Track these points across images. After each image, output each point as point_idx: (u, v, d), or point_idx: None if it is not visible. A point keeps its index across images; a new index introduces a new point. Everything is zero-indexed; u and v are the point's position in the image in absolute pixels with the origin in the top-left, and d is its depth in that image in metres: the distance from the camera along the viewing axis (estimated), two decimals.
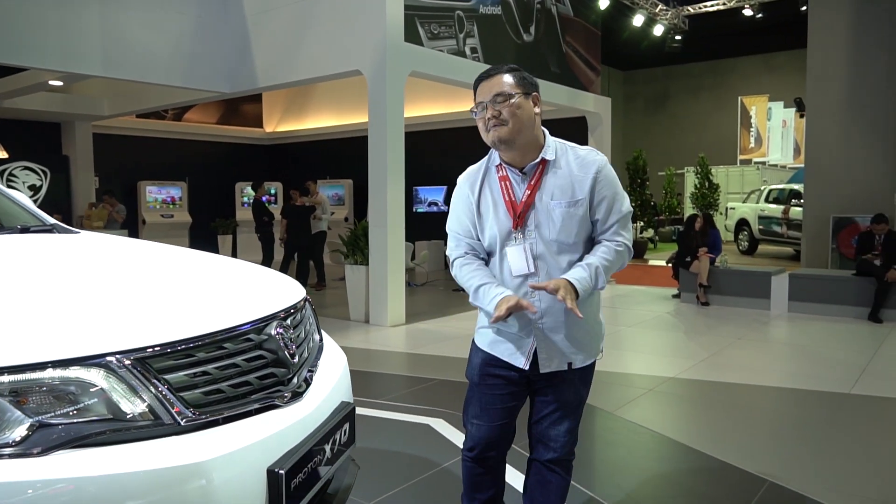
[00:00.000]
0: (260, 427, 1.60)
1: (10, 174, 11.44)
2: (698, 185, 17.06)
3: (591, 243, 2.05)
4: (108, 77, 7.81)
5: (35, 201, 11.62)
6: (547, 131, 2.08)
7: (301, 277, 9.92)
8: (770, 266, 9.64)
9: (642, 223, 15.44)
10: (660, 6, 15.30)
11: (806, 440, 3.89)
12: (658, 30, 15.66)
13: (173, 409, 1.43)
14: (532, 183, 2.01)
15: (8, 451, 1.24)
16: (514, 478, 2.90)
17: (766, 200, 14.98)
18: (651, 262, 13.94)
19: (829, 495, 3.08)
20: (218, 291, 1.88)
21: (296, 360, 1.85)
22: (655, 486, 3.27)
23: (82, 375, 1.34)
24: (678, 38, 15.93)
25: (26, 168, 11.62)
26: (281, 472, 1.56)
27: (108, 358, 1.37)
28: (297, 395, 1.79)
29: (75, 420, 1.32)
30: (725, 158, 20.56)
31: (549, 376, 2.06)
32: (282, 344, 1.78)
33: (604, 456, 3.73)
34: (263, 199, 10.18)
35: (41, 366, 1.30)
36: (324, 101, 14.15)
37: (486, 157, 2.12)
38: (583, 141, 10.97)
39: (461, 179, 2.14)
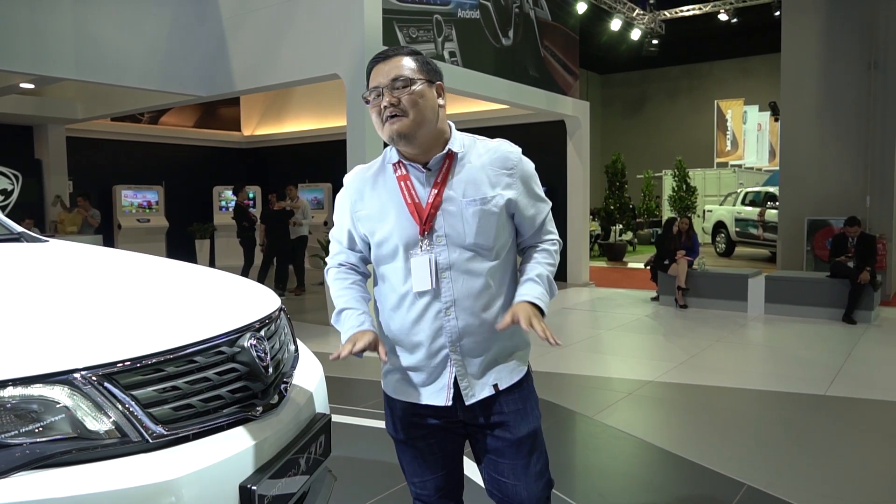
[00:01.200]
0: (232, 442, 1.56)
1: None
2: (676, 188, 17.22)
3: (509, 251, 1.76)
4: (82, 80, 7.67)
5: (6, 206, 11.42)
6: (453, 125, 1.77)
7: (280, 282, 9.84)
8: (747, 268, 9.74)
9: (621, 226, 15.53)
10: (637, 10, 15.43)
11: (783, 443, 3.92)
12: (635, 34, 15.79)
13: (141, 426, 1.39)
14: (438, 180, 1.68)
15: None
16: None
17: (743, 203, 15.16)
18: (630, 265, 14.03)
19: (807, 497, 3.10)
20: (189, 303, 1.84)
21: (270, 371, 1.81)
22: (635, 492, 3.28)
23: (45, 393, 1.30)
24: (655, 42, 16.08)
25: None
26: (254, 488, 1.53)
27: (73, 375, 1.33)
28: (271, 408, 1.75)
29: (38, 439, 1.28)
30: (703, 161, 20.78)
31: (481, 411, 1.72)
32: (255, 356, 1.74)
33: (584, 461, 3.73)
34: (245, 202, 10.07)
35: (1, 384, 1.26)
36: (302, 104, 14.06)
37: (381, 156, 1.79)
38: (562, 144, 11.03)
39: (347, 181, 1.81)
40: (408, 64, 1.65)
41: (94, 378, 1.35)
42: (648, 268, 9.47)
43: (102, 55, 7.46)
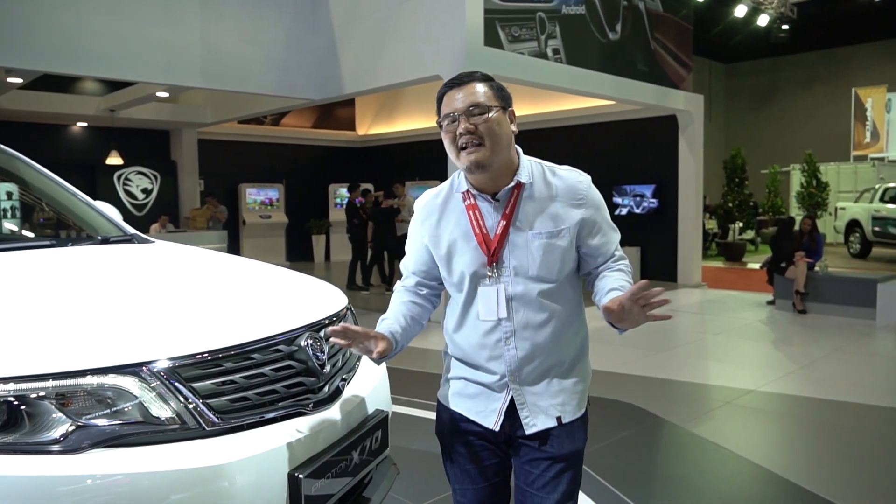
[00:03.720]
0: (283, 433, 1.70)
1: (126, 178, 12.42)
2: (805, 184, 16.05)
3: (573, 284, 1.75)
4: (207, 88, 8.33)
5: (146, 204, 12.57)
6: (521, 150, 1.75)
7: (386, 278, 10.19)
8: (882, 271, 8.96)
9: (740, 224, 14.72)
10: None
11: None
12: (763, 19, 14.83)
13: (198, 415, 1.55)
14: (507, 211, 1.68)
15: (51, 447, 1.40)
16: None
17: (882, 200, 13.91)
18: (750, 266, 13.27)
19: None
20: (254, 303, 2.00)
21: (326, 369, 1.94)
22: None
23: (118, 382, 1.49)
24: (785, 27, 15.02)
25: (139, 172, 12.58)
26: (300, 476, 1.66)
27: (141, 368, 1.51)
28: (325, 403, 1.88)
29: (110, 422, 1.47)
30: (836, 155, 19.21)
31: (536, 433, 1.69)
32: (311, 354, 1.88)
33: (664, 472, 3.63)
34: (357, 201, 10.49)
35: (82, 373, 1.46)
36: (413, 103, 14.42)
37: (448, 182, 1.79)
38: (674, 140, 10.63)
39: (417, 207, 1.83)
40: (483, 90, 1.63)
41: (158, 370, 1.53)
42: (764, 269, 8.94)
43: (225, 64, 8.05)
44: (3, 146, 3.01)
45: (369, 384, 2.18)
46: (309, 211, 14.78)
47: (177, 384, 1.54)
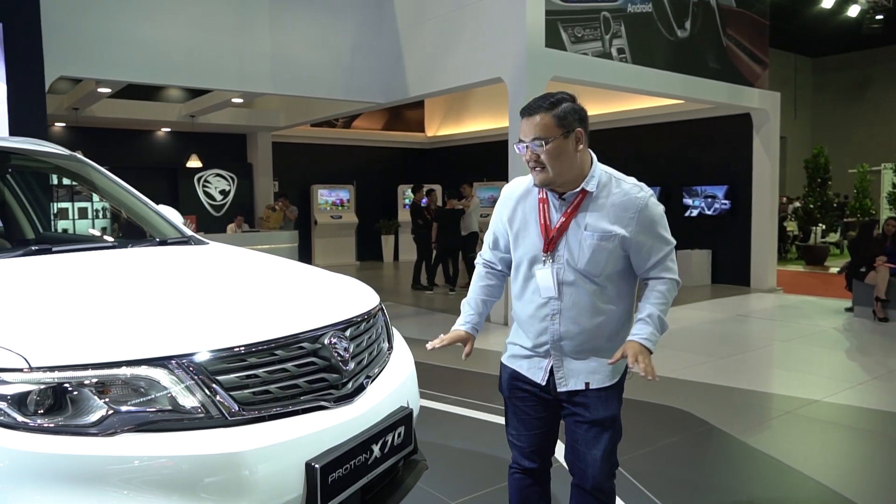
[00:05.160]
0: (303, 425, 1.81)
1: (205, 180, 13.07)
2: None
3: (620, 279, 2.05)
4: (277, 94, 8.67)
5: (224, 205, 13.16)
6: (594, 157, 2.05)
7: (450, 278, 10.30)
8: None
9: (822, 227, 14.02)
10: None
11: None
12: (854, 10, 14.06)
13: (222, 405, 1.68)
14: (569, 211, 2.02)
15: (89, 430, 1.55)
16: None
17: None
18: (832, 270, 12.63)
19: None
20: (282, 302, 2.13)
21: (350, 366, 2.04)
22: None
23: (150, 374, 1.64)
24: (879, 17, 14.17)
25: (218, 175, 13.21)
26: (316, 466, 1.77)
27: (170, 361, 1.65)
28: (347, 398, 1.98)
29: (142, 409, 1.61)
30: None
31: (570, 395, 2.08)
32: (335, 352, 1.98)
33: (708, 482, 3.53)
34: (423, 201, 10.66)
35: (118, 364, 1.61)
36: (481, 104, 14.49)
37: (531, 175, 2.09)
38: (747, 139, 10.27)
39: (504, 191, 2.21)
40: (545, 122, 1.93)
41: (186, 363, 1.67)
42: (843, 274, 8.51)
43: (294, 70, 8.37)
44: (79, 155, 3.28)
45: (395, 381, 2.27)
46: (378, 211, 15.10)
47: (202, 377, 1.68)
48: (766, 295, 9.86)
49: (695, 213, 11.06)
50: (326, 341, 1.98)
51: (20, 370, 1.52)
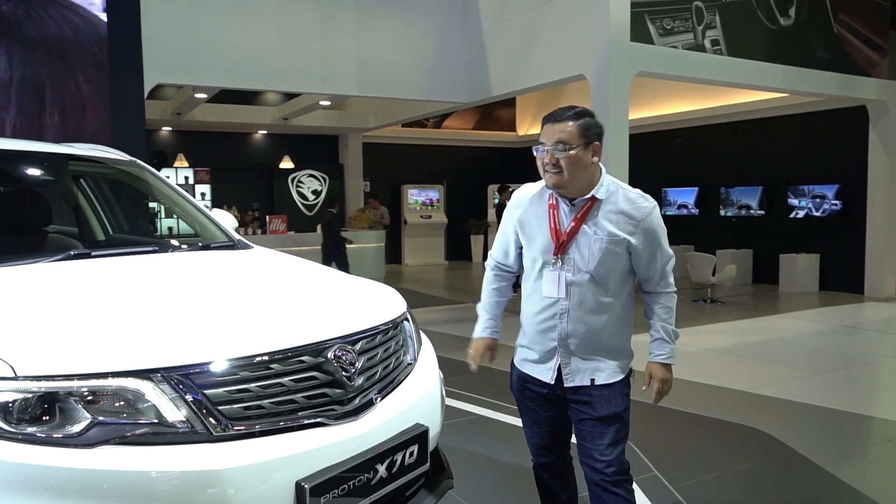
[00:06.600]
0: (295, 443, 1.74)
1: (299, 181, 13.50)
2: None
3: (622, 278, 2.18)
4: (362, 95, 8.79)
5: (316, 204, 13.54)
6: (604, 169, 2.18)
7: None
8: None
9: None
10: None
11: None
12: None
13: (206, 420, 1.64)
14: (578, 216, 2.14)
15: (68, 441, 1.55)
16: None
17: None
18: None
19: None
20: (290, 313, 2.06)
21: (358, 381, 1.96)
22: None
23: (136, 386, 1.62)
24: None
25: (310, 175, 13.62)
26: (306, 486, 1.70)
27: (156, 373, 1.63)
28: (350, 415, 1.90)
29: (125, 421, 1.60)
30: None
31: (576, 391, 2.19)
32: (340, 367, 1.91)
33: None
34: (507, 202, 10.51)
35: (104, 375, 1.60)
36: (573, 101, 14.07)
37: (543, 181, 2.21)
38: (862, 134, 9.41)
39: (514, 197, 2.31)
40: (571, 130, 2.07)
41: (172, 376, 1.64)
42: None
43: (378, 72, 8.45)
44: (138, 160, 3.40)
45: (411, 397, 2.17)
46: (468, 211, 15.06)
47: (188, 390, 1.64)
48: (881, 304, 8.98)
49: (801, 214, 10.26)
50: (331, 355, 1.91)
51: (6, 378, 1.54)
